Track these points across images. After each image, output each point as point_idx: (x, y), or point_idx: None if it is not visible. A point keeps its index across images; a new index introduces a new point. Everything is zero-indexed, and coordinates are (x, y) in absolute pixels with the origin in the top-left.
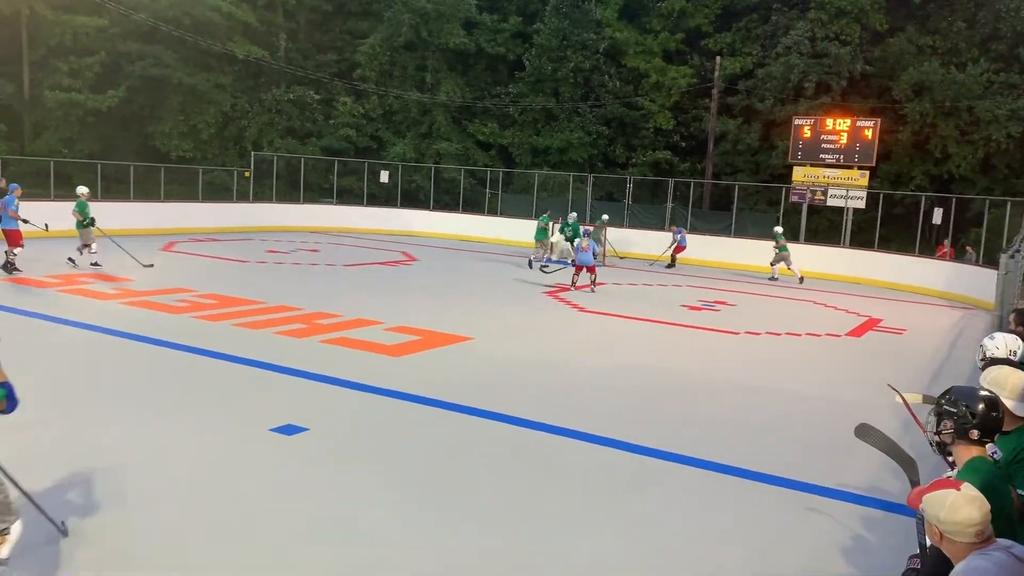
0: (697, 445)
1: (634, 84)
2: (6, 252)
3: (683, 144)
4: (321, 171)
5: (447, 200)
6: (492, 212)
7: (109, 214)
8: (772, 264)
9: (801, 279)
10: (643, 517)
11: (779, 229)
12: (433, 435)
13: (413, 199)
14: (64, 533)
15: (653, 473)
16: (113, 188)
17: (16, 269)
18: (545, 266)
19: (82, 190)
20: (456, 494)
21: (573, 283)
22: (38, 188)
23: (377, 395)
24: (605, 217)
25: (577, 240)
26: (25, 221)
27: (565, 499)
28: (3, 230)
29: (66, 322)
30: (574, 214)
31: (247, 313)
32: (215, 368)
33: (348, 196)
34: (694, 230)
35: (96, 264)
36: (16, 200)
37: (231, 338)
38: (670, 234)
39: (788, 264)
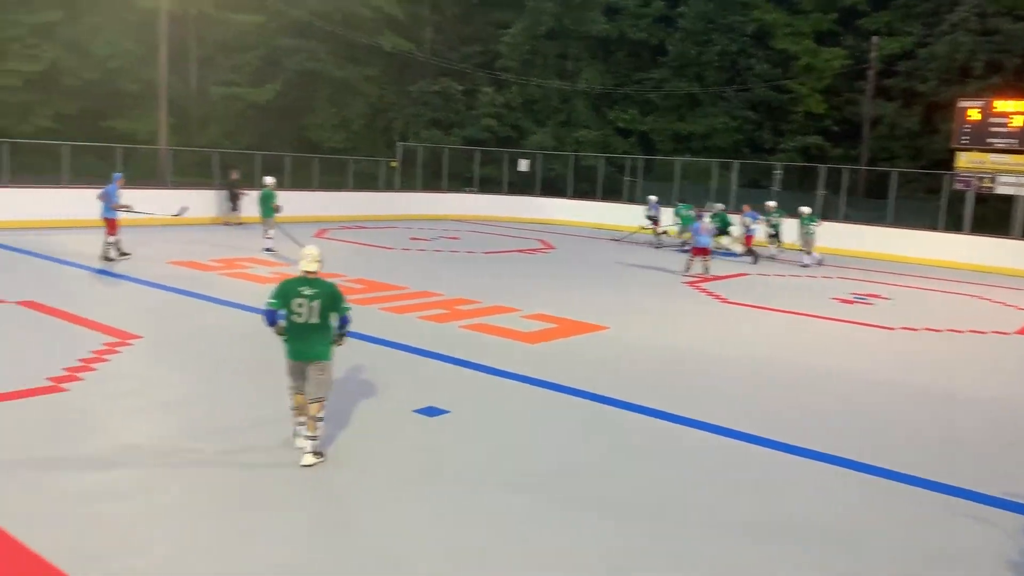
0: (845, 444)
1: (783, 67)
2: (107, 243)
3: (835, 129)
4: (463, 160)
5: (586, 188)
6: (632, 200)
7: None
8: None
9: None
10: (781, 518)
11: (806, 209)
12: (568, 422)
13: (552, 187)
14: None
15: (792, 472)
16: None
17: (123, 254)
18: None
19: (268, 180)
20: (587, 482)
21: (695, 268)
22: (202, 177)
23: (514, 381)
24: (719, 205)
25: (698, 223)
26: (127, 208)
27: (696, 494)
28: (104, 219)
29: (223, 303)
30: (720, 205)
31: (392, 298)
32: (363, 350)
33: (489, 185)
34: (847, 219)
35: (268, 250)
36: (118, 190)
37: (378, 322)
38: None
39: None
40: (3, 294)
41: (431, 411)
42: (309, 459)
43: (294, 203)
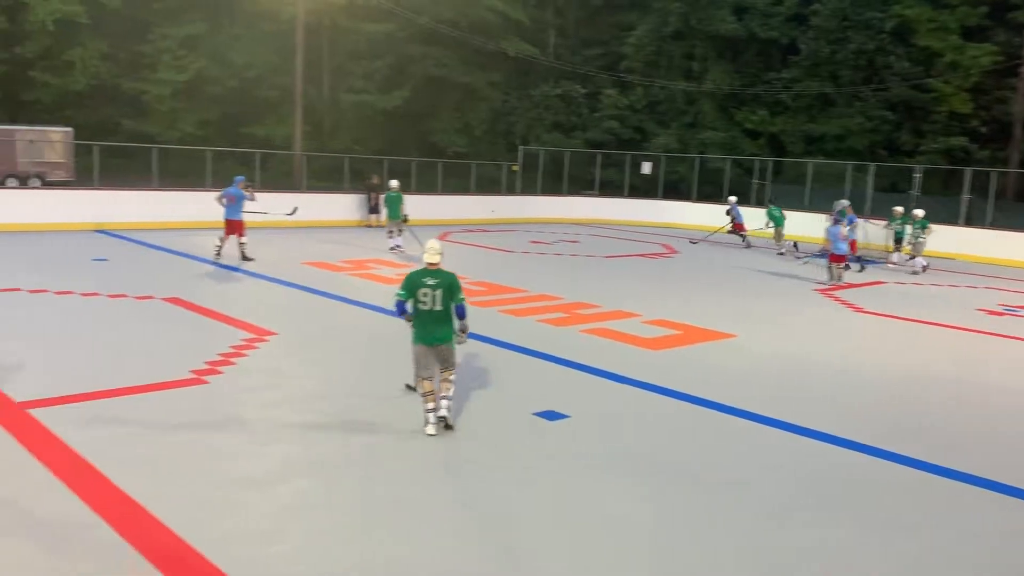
0: (1000, 468)
1: (925, 64)
2: (240, 243)
3: (982, 129)
4: (584, 164)
5: (710, 191)
6: (759, 204)
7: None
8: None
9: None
10: (927, 549)
11: (919, 212)
12: (689, 432)
13: (675, 190)
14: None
15: (941, 495)
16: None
17: (246, 258)
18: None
19: (394, 184)
20: (713, 493)
21: (832, 276)
22: (332, 182)
23: (635, 388)
24: (845, 202)
25: (836, 228)
26: (261, 213)
27: (826, 508)
28: (228, 220)
29: (352, 302)
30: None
31: (512, 300)
32: (482, 351)
33: (609, 188)
34: (994, 224)
35: (396, 247)
36: (245, 193)
37: (497, 323)
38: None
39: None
40: (151, 291)
41: (551, 415)
42: (447, 419)
43: (419, 206)
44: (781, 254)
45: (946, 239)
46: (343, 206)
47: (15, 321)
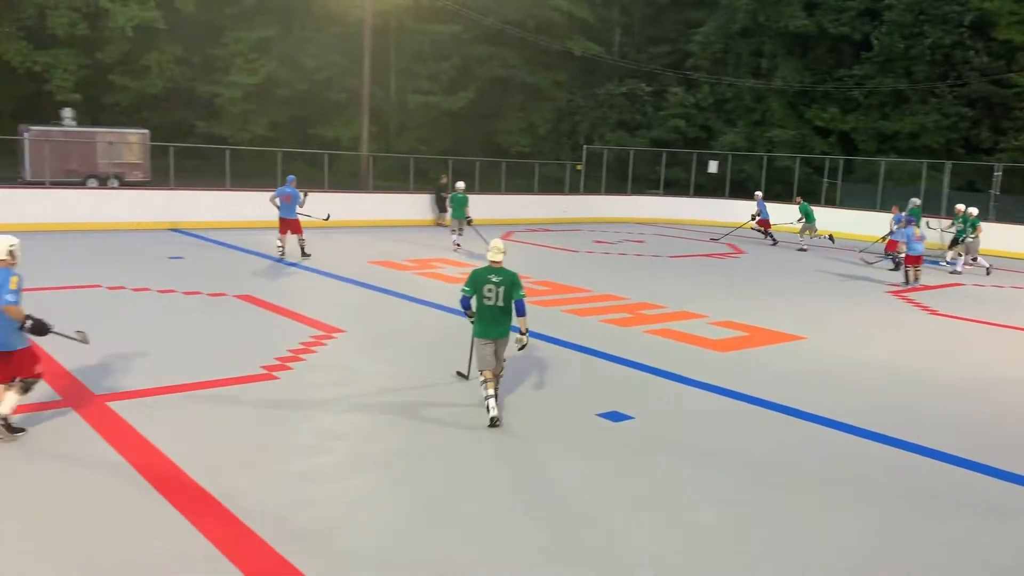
0: None
1: (1006, 59)
2: (300, 241)
3: None
4: (648, 162)
5: (779, 190)
6: (830, 203)
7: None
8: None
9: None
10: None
11: (973, 210)
12: (757, 434)
13: (742, 189)
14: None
15: (1014, 501)
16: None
17: (282, 254)
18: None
19: (460, 185)
20: (782, 495)
21: (908, 278)
22: (398, 182)
23: (701, 389)
24: (917, 200)
25: (910, 229)
26: (307, 215)
27: (892, 517)
28: (283, 219)
29: (417, 300)
30: (916, 200)
31: (575, 300)
32: (546, 351)
33: (674, 187)
34: None
35: (458, 246)
36: (300, 194)
37: (560, 323)
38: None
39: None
40: (224, 288)
41: (615, 416)
42: (495, 419)
43: (482, 206)
44: (803, 249)
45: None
46: (408, 206)
47: (95, 317)
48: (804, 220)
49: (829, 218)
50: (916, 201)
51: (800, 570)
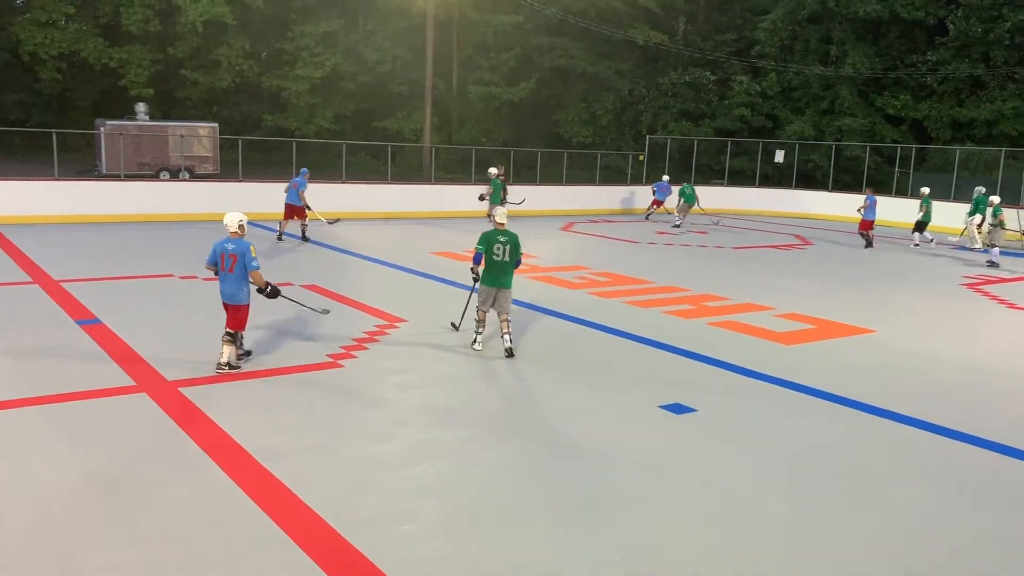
0: None
1: None
2: (302, 225)
3: None
4: (713, 152)
5: (847, 180)
6: (901, 193)
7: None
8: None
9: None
10: None
11: (996, 198)
12: (825, 429)
13: (809, 179)
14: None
15: None
16: (523, 173)
17: (305, 238)
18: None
19: (493, 171)
20: (845, 492)
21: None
22: (460, 173)
23: (766, 382)
24: (982, 189)
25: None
26: (307, 208)
27: (965, 510)
28: (289, 205)
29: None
30: (982, 189)
31: (637, 292)
32: (607, 342)
33: (739, 177)
34: None
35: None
36: (306, 183)
37: (622, 314)
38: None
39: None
40: (291, 278)
41: (678, 408)
42: (511, 351)
43: (545, 197)
44: (676, 226)
45: None
46: (470, 197)
47: (168, 305)
48: (683, 201)
49: (896, 208)
50: (981, 189)
51: (873, 567)
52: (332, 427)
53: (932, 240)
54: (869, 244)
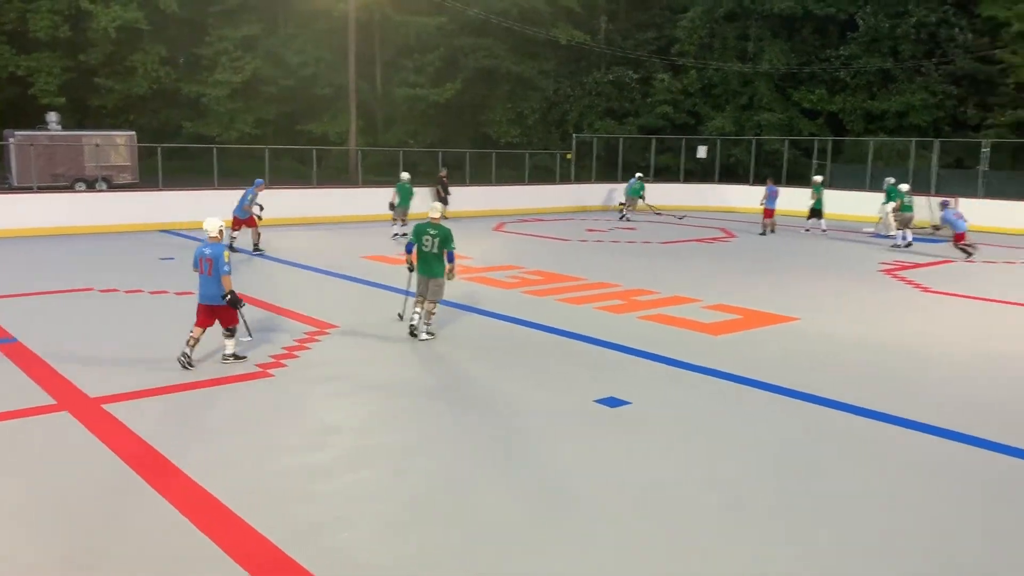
0: None
1: (991, 35)
2: (253, 235)
3: None
4: (638, 149)
5: (768, 173)
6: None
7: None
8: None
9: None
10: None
11: (905, 186)
12: (755, 416)
13: (732, 174)
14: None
15: (1006, 473)
16: (452, 175)
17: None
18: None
19: (404, 175)
20: (782, 476)
21: (970, 253)
22: (387, 176)
23: (696, 373)
24: (890, 179)
25: (949, 211)
26: (261, 208)
27: (914, 499)
28: (236, 218)
29: (411, 294)
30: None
31: (569, 289)
32: (542, 339)
33: (665, 173)
34: None
35: (396, 236)
36: (253, 192)
37: (555, 312)
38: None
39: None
40: None
41: (612, 401)
42: (425, 337)
43: (475, 198)
44: (623, 218)
45: (1017, 215)
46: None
47: (89, 320)
48: (628, 195)
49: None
50: (891, 180)
51: (812, 551)
52: (264, 437)
53: (824, 228)
54: (769, 231)
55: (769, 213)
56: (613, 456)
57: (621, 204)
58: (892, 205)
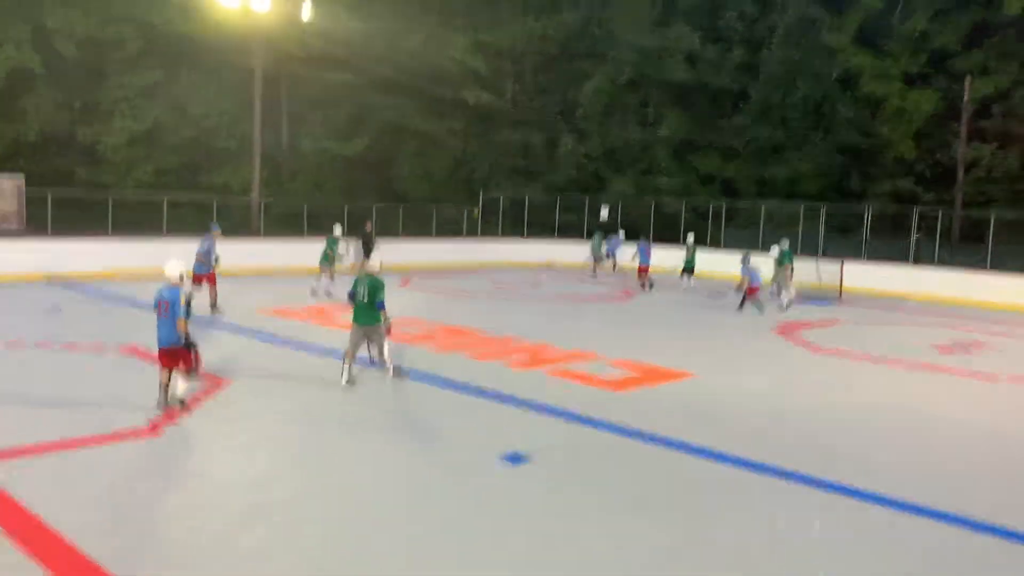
0: (952, 497)
1: (871, 110)
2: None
3: (927, 173)
4: (544, 208)
5: (667, 235)
6: (715, 246)
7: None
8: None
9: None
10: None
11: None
12: (653, 470)
13: (633, 235)
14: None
15: (895, 528)
16: (357, 228)
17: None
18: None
19: (336, 230)
20: (678, 531)
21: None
22: (293, 229)
23: (598, 429)
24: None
25: (744, 266)
26: (215, 260)
27: (782, 547)
28: (197, 275)
29: (310, 348)
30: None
31: (475, 344)
32: (445, 396)
33: (569, 232)
34: (942, 264)
35: (328, 294)
36: (209, 241)
37: (460, 367)
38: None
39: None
40: (106, 340)
41: (515, 458)
42: (392, 374)
43: (382, 252)
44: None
45: (896, 278)
46: (303, 252)
47: None
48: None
49: (715, 262)
50: (785, 241)
51: None
52: (153, 498)
53: (694, 285)
54: (648, 286)
55: (644, 269)
56: (512, 512)
57: (590, 263)
58: (787, 267)
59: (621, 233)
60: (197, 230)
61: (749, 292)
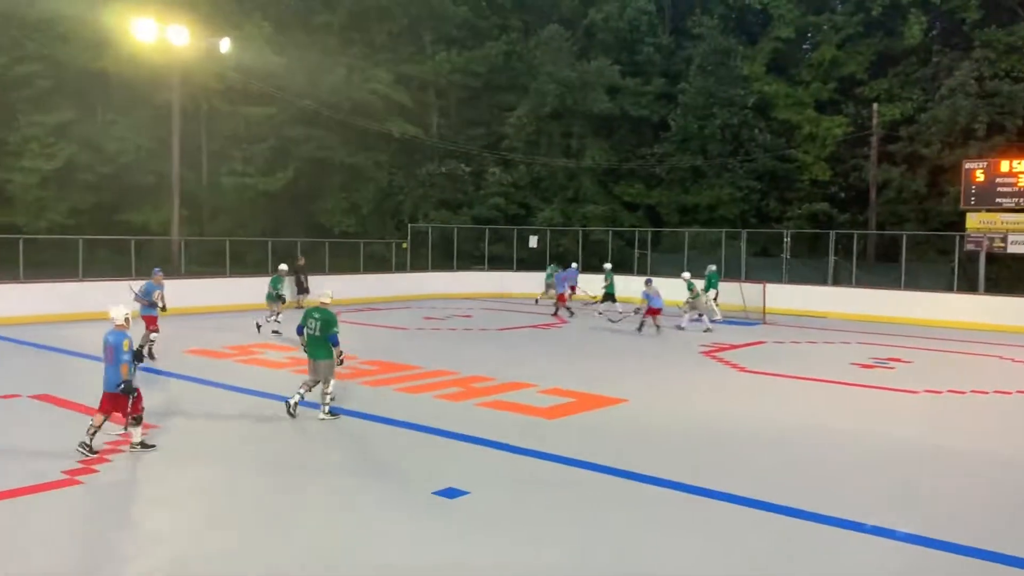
0: (881, 513)
1: (786, 137)
2: (144, 337)
3: (842, 195)
4: (473, 239)
5: (595, 262)
6: (642, 272)
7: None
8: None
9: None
10: None
11: (686, 275)
12: (590, 497)
13: (562, 262)
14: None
15: (827, 542)
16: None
17: (150, 355)
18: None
19: (282, 267)
20: (625, 559)
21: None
22: (215, 267)
23: (533, 458)
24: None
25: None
26: (163, 308)
27: (727, 569)
28: (143, 316)
29: (238, 389)
30: (712, 267)
31: (407, 378)
32: (379, 431)
33: (498, 262)
34: (859, 283)
35: (276, 332)
36: (156, 286)
37: (393, 402)
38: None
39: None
40: (17, 389)
41: (451, 492)
42: (323, 417)
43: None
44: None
45: (816, 298)
46: (226, 291)
47: None
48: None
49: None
50: (712, 267)
51: None
52: (75, 552)
53: (621, 312)
54: (563, 312)
55: (562, 297)
56: (448, 548)
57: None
58: (713, 292)
59: (574, 265)
60: (117, 271)
61: (647, 314)
